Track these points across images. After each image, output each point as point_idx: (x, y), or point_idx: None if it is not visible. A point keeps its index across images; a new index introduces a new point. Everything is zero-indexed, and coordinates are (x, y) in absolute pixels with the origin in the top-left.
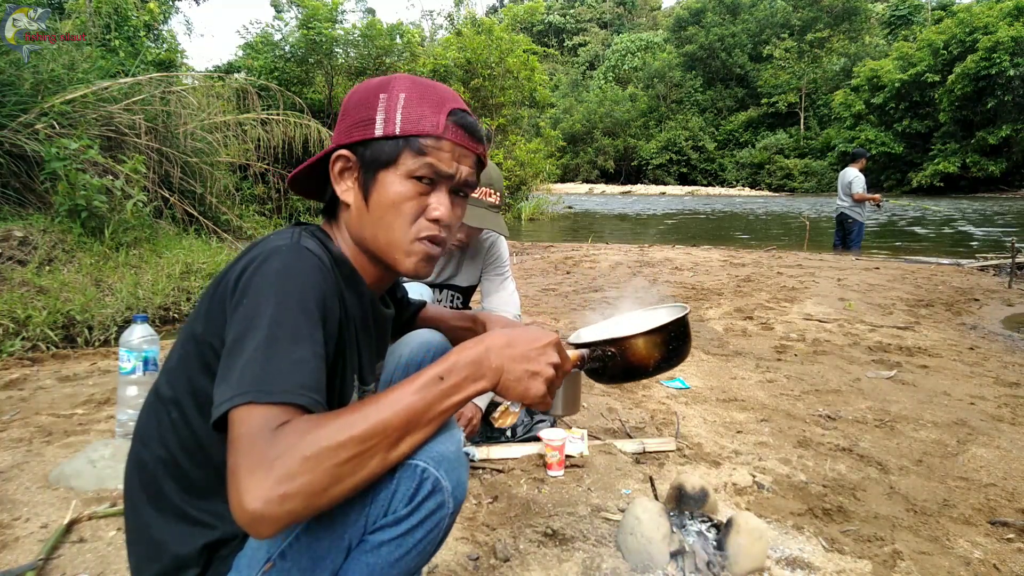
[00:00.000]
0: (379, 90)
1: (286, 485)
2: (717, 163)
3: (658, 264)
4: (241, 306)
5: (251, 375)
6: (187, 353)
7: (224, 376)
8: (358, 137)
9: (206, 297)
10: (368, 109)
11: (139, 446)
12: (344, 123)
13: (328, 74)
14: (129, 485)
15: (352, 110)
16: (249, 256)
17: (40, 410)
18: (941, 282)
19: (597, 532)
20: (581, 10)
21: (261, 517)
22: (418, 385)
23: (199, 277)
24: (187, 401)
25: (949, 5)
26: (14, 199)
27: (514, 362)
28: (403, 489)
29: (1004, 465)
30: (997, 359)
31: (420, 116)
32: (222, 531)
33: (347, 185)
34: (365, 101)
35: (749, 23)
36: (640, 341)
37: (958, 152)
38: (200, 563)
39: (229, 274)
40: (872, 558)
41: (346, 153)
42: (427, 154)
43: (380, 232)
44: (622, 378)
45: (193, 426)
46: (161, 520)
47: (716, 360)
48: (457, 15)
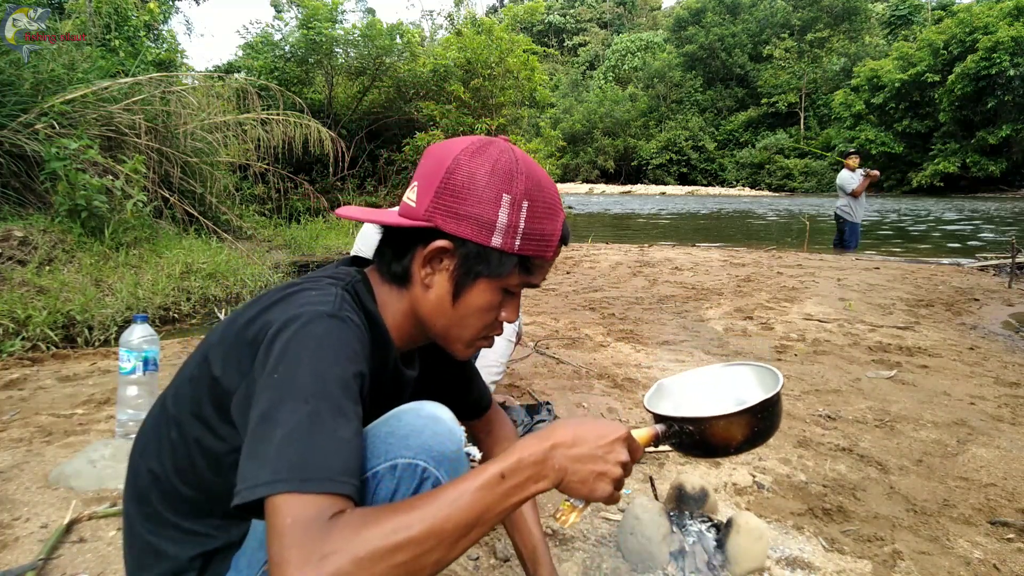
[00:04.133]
0: (502, 186)
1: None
2: (717, 163)
3: (658, 264)
4: (278, 372)
5: (293, 457)
6: (201, 378)
7: (257, 452)
8: (470, 237)
9: (231, 333)
10: (488, 205)
11: (137, 454)
12: (448, 202)
13: (328, 74)
14: (126, 489)
15: (463, 194)
16: (288, 312)
17: (40, 410)
18: (941, 282)
19: (597, 532)
20: (581, 10)
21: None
22: (479, 484)
23: (199, 277)
24: (188, 424)
25: (949, 5)
26: (14, 199)
27: (579, 462)
28: (404, 488)
29: (1004, 465)
30: (997, 359)
31: (540, 236)
32: (217, 541)
33: (432, 270)
34: (483, 193)
35: (749, 23)
36: (722, 423)
37: (958, 152)
38: (196, 568)
39: (262, 321)
40: (872, 558)
41: (449, 247)
42: (532, 273)
43: (454, 327)
44: (700, 455)
45: (190, 450)
46: (155, 529)
47: (716, 360)
48: (457, 15)
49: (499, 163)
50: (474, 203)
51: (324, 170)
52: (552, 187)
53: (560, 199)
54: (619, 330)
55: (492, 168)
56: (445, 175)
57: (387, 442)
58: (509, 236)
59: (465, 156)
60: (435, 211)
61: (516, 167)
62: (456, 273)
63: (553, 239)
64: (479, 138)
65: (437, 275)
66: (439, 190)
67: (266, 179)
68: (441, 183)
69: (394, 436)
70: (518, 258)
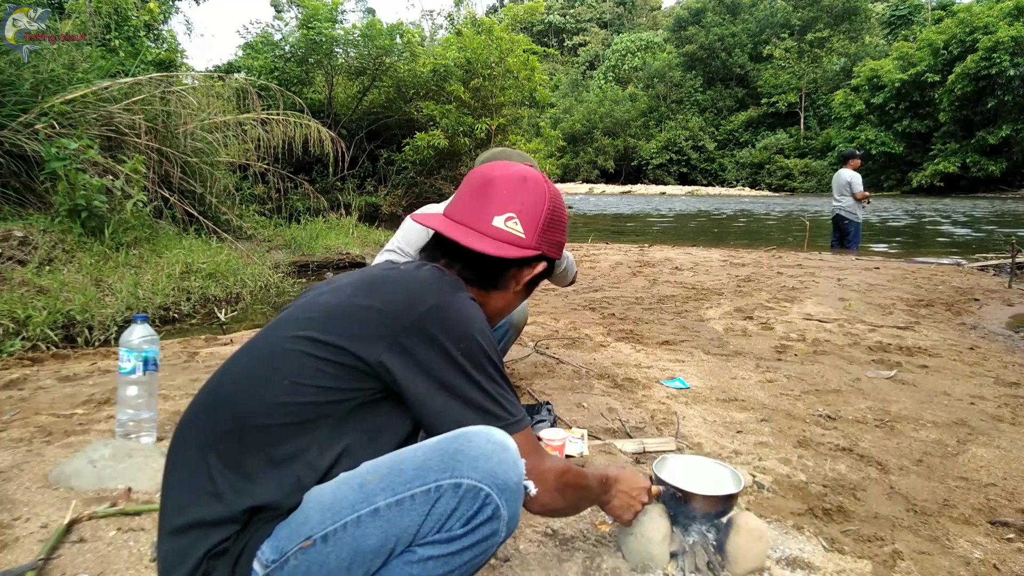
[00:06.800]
0: (563, 217)
1: (559, 489)
2: (717, 163)
3: (658, 264)
4: (460, 349)
5: (510, 405)
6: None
7: (481, 405)
8: (554, 256)
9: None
10: (563, 234)
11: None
12: (550, 236)
13: (328, 74)
14: (198, 426)
15: (556, 226)
16: (435, 298)
17: (40, 410)
18: (941, 282)
19: (597, 532)
20: (581, 10)
21: (542, 505)
22: (597, 479)
23: (199, 277)
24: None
25: (949, 5)
26: (14, 199)
27: (622, 495)
28: (463, 509)
29: (1004, 465)
30: (997, 359)
31: (561, 245)
32: (273, 497)
33: (521, 278)
34: (562, 224)
35: (749, 23)
36: (700, 497)
37: (958, 152)
38: (242, 521)
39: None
40: (872, 558)
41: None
42: None
43: (508, 309)
44: (679, 513)
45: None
46: (224, 472)
47: (716, 360)
48: (457, 15)
49: (558, 198)
50: (560, 233)
51: (324, 170)
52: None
53: None
54: (619, 330)
55: (558, 203)
56: (547, 213)
57: (455, 459)
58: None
59: (551, 193)
60: (542, 243)
61: (560, 197)
62: (535, 279)
63: (563, 246)
64: (540, 174)
65: (520, 281)
66: (545, 227)
67: (266, 179)
68: (545, 220)
69: (463, 455)
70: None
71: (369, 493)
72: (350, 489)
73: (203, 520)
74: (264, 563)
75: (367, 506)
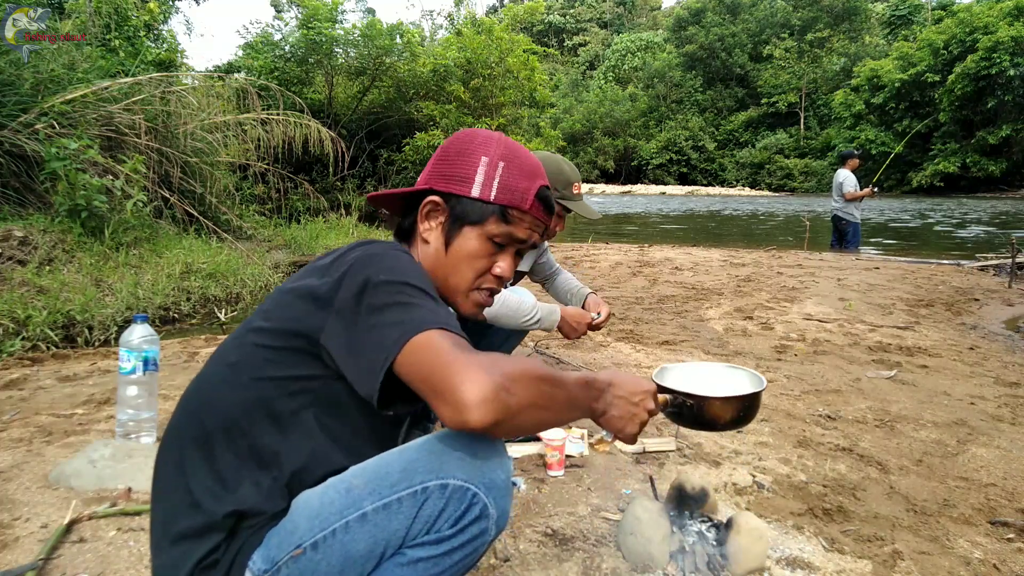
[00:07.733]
0: (482, 151)
1: (505, 380)
2: (717, 163)
3: (658, 264)
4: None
5: (423, 315)
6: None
7: (390, 320)
8: (454, 190)
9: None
10: (468, 167)
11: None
12: (440, 168)
13: (328, 74)
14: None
15: (451, 160)
16: (359, 251)
17: (40, 410)
18: (941, 282)
19: (597, 532)
20: (581, 10)
21: (483, 400)
22: (576, 380)
23: (199, 277)
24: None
25: (949, 5)
26: (14, 199)
27: (620, 402)
28: (451, 509)
29: (1004, 465)
30: (997, 359)
31: (514, 189)
32: (256, 502)
33: (431, 226)
34: (466, 157)
35: (749, 23)
36: (717, 403)
37: (958, 152)
38: (227, 528)
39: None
40: (872, 558)
41: (439, 201)
42: (511, 223)
43: (451, 276)
44: (692, 426)
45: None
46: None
47: (716, 360)
48: (457, 15)
49: (480, 135)
50: (459, 165)
51: (324, 170)
52: (532, 160)
53: (542, 172)
54: (619, 330)
55: (473, 138)
56: (441, 150)
57: (441, 459)
58: (486, 189)
59: (457, 135)
60: (431, 177)
61: (495, 139)
62: (446, 224)
63: (528, 194)
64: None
65: (434, 232)
66: (435, 161)
67: (266, 179)
68: (437, 156)
69: (448, 455)
70: (497, 208)
71: (356, 498)
72: (337, 494)
73: (187, 532)
74: (255, 573)
75: (354, 511)
